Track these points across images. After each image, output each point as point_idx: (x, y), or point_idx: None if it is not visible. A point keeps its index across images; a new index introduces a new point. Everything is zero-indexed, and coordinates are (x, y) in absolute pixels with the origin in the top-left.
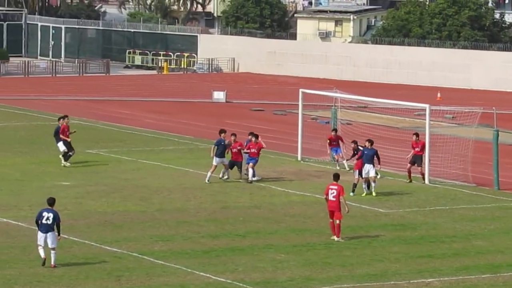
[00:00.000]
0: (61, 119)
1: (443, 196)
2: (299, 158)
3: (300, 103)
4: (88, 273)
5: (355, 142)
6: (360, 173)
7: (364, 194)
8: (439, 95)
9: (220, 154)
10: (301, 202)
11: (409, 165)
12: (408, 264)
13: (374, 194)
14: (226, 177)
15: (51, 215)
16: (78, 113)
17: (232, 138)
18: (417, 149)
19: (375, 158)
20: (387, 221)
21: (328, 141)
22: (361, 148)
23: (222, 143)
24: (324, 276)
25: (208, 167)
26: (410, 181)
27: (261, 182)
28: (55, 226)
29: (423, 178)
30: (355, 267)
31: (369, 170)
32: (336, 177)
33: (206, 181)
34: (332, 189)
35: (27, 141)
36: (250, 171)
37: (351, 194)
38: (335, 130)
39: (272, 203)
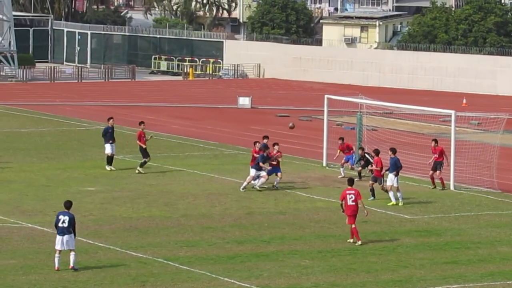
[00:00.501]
0: (143, 124)
1: (468, 202)
2: (324, 164)
3: (325, 109)
4: (113, 278)
5: (362, 148)
6: (375, 180)
7: (390, 203)
8: (464, 101)
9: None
10: (326, 208)
11: (431, 171)
12: (433, 270)
13: (400, 203)
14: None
15: (66, 218)
16: (103, 119)
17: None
18: (435, 155)
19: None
20: (412, 227)
21: (338, 151)
22: (367, 156)
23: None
24: (349, 282)
25: (233, 173)
26: (434, 187)
27: (287, 188)
28: (71, 229)
29: (442, 184)
30: (380, 273)
31: (388, 179)
32: (351, 181)
33: (241, 189)
34: (350, 194)
35: (53, 147)
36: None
37: (371, 198)
38: (342, 138)
39: (297, 209)
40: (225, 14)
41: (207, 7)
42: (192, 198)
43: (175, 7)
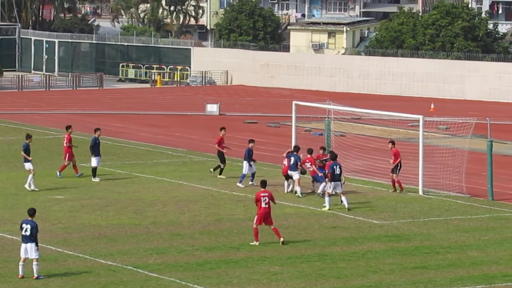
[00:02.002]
0: (223, 130)
1: (437, 207)
2: None
3: (293, 115)
4: (83, 286)
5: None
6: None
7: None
8: (432, 106)
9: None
10: (295, 214)
11: (391, 174)
12: (403, 275)
13: (347, 207)
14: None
15: (29, 226)
16: (72, 127)
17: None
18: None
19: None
20: (381, 233)
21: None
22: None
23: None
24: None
25: (202, 180)
26: (394, 190)
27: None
28: (33, 238)
29: (400, 187)
30: (349, 278)
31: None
32: (264, 184)
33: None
34: (264, 196)
35: (20, 156)
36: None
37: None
38: (323, 148)
39: None
40: (192, 21)
41: (174, 14)
42: (161, 206)
43: (142, 15)
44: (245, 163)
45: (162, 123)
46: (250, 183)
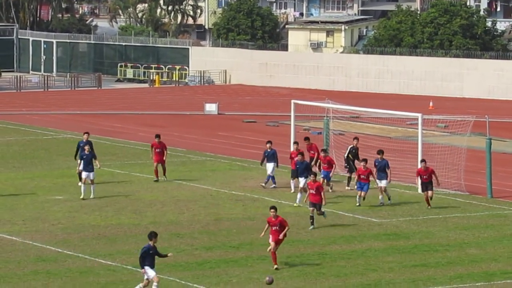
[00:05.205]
0: (308, 140)
1: (437, 205)
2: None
3: (292, 114)
4: (83, 287)
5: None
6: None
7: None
8: (431, 104)
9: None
10: (295, 213)
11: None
12: (402, 273)
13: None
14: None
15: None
16: (70, 127)
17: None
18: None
19: (386, 170)
20: (380, 231)
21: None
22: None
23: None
24: (318, 286)
25: (201, 180)
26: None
27: (254, 194)
28: None
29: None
30: (349, 277)
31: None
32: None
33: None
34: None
35: (20, 156)
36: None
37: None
38: (324, 150)
39: (265, 214)
40: (191, 21)
41: (172, 14)
42: (160, 205)
43: (140, 15)
44: (270, 165)
45: (161, 123)
46: (263, 184)
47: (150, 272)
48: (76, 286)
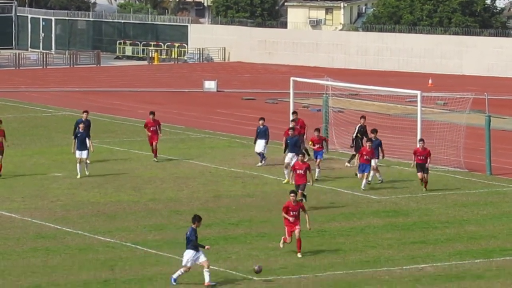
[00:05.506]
0: (295, 114)
1: (435, 182)
2: None
3: (291, 91)
4: (82, 263)
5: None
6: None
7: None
8: (430, 81)
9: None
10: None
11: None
12: (401, 250)
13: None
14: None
15: None
16: (69, 104)
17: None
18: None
19: (379, 149)
20: (379, 208)
21: (310, 143)
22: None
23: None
24: (317, 263)
25: (200, 157)
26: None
27: (254, 171)
28: None
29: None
30: (348, 254)
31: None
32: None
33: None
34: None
35: (19, 133)
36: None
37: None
38: (318, 130)
39: (264, 191)
40: None
41: None
42: (159, 182)
43: None
44: (261, 142)
45: (160, 100)
46: (260, 164)
47: (187, 255)
48: (75, 263)
